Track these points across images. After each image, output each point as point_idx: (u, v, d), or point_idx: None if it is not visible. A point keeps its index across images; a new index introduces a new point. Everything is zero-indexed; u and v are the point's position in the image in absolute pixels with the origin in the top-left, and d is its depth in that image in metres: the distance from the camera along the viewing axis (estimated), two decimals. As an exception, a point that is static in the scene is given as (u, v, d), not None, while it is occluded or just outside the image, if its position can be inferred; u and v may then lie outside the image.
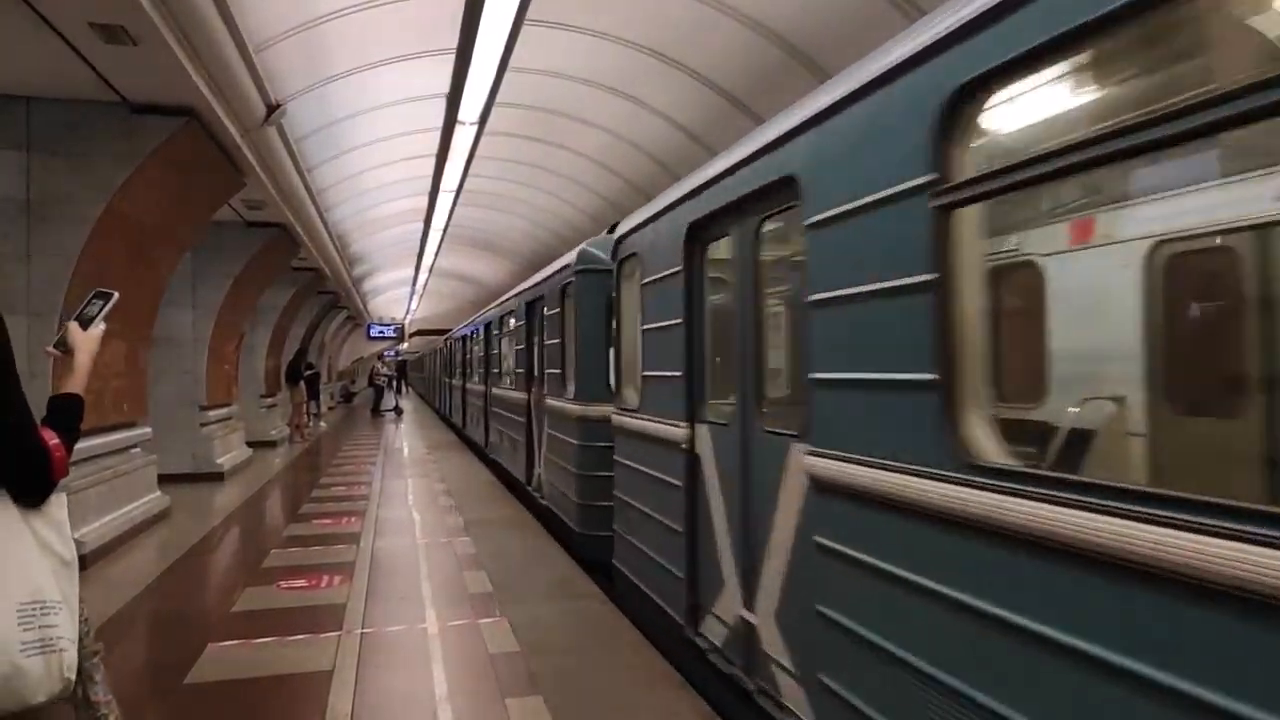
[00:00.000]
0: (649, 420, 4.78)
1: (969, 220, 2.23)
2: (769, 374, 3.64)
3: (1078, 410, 3.51)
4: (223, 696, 4.08)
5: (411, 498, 9.94)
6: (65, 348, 2.08)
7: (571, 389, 7.07)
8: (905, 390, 2.37)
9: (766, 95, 7.83)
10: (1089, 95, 2.47)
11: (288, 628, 4.99)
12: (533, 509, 8.86)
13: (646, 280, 4.88)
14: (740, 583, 3.62)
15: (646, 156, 10.88)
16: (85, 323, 2.17)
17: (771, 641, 3.32)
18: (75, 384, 2.03)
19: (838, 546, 2.72)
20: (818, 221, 2.84)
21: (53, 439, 1.83)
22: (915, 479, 2.29)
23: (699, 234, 4.14)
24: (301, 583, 6.06)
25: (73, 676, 1.74)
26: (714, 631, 3.94)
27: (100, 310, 2.21)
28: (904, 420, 2.37)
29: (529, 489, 9.30)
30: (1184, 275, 3.27)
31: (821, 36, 6.91)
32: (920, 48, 2.31)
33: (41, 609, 1.69)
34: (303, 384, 17.75)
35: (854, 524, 2.64)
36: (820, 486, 2.84)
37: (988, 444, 2.15)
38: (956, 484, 2.13)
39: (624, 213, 6.75)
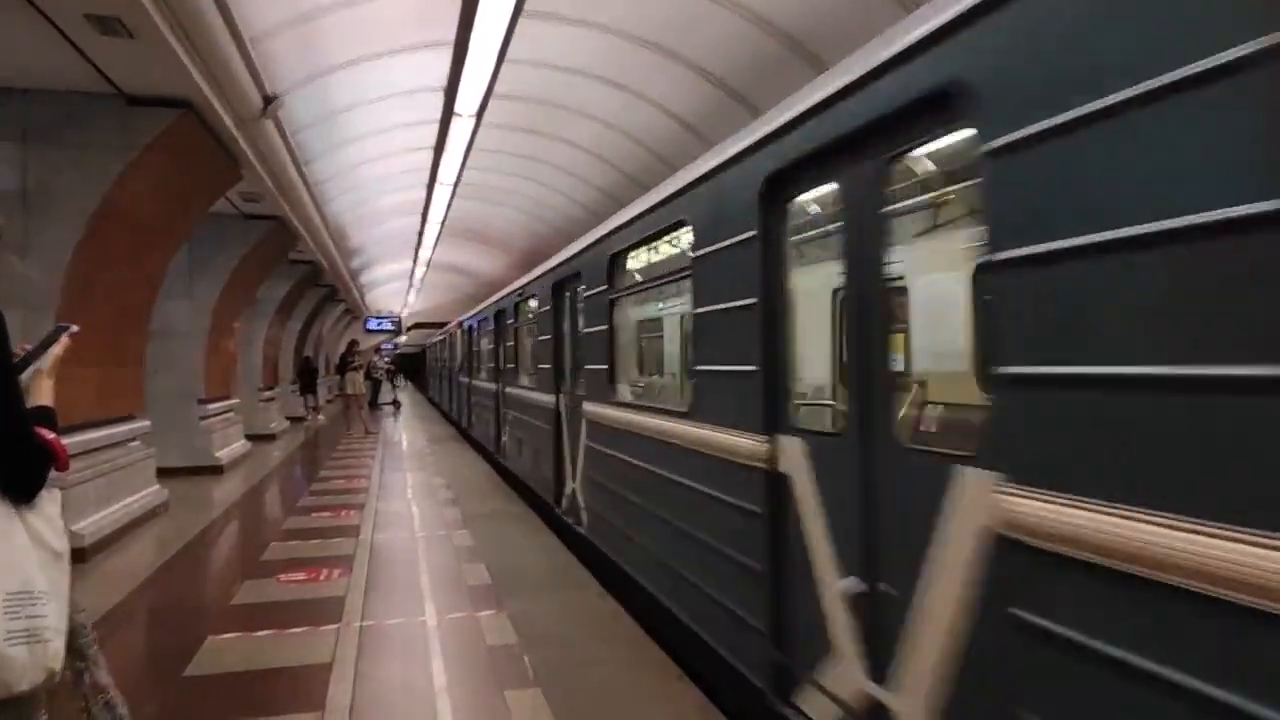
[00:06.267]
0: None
1: None
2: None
3: None
4: (222, 688, 4.09)
5: (410, 491, 9.94)
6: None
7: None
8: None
9: (764, 87, 7.81)
10: None
11: (287, 620, 5.01)
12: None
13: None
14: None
15: (644, 149, 10.85)
16: (40, 351, 2.16)
17: None
18: (44, 399, 2.08)
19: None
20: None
21: (49, 434, 1.88)
22: None
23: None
24: (301, 575, 6.07)
25: (57, 667, 1.77)
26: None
27: (47, 345, 2.20)
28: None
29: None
30: None
31: (820, 28, 6.89)
32: None
33: (30, 599, 1.72)
34: (360, 374, 18.55)
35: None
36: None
37: None
38: None
39: (623, 206, 6.57)
